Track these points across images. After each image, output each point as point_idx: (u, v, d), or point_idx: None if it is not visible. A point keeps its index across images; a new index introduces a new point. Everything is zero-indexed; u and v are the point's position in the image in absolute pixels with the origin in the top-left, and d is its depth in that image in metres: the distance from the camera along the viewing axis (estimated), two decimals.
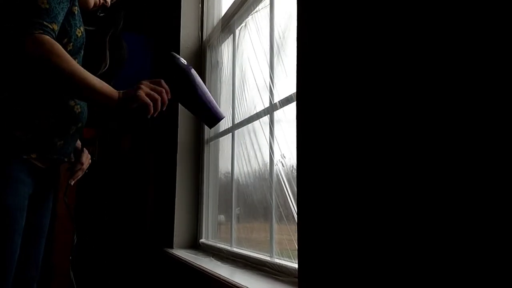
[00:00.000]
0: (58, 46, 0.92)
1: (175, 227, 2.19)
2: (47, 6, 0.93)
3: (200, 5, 2.42)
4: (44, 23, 0.91)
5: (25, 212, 1.00)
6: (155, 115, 1.04)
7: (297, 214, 0.95)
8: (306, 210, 0.90)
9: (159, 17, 2.99)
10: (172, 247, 2.16)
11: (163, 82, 1.07)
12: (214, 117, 1.20)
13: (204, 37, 2.37)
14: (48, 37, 0.91)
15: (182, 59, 1.18)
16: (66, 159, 1.13)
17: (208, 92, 1.21)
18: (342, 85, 0.80)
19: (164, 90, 1.05)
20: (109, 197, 2.93)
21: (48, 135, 1.03)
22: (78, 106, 1.10)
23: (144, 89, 1.02)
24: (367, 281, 0.70)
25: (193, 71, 1.19)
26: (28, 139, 0.99)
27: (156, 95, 1.03)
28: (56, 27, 0.95)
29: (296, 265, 1.12)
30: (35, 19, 0.90)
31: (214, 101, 1.21)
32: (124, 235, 2.89)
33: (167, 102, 1.07)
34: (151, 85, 1.04)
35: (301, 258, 0.91)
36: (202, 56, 2.37)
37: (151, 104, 1.01)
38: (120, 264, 2.81)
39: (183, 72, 1.16)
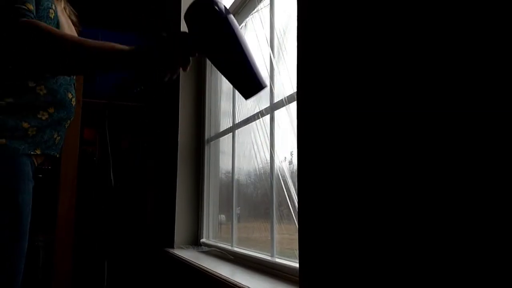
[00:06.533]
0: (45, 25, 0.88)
1: (175, 227, 2.19)
2: None
3: None
4: (22, 7, 0.87)
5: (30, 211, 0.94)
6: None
7: (298, 213, 0.95)
8: (307, 209, 0.90)
9: (158, 18, 2.98)
10: (173, 247, 2.16)
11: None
12: (255, 84, 0.92)
13: None
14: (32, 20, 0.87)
15: (220, 2, 0.93)
16: (58, 155, 1.08)
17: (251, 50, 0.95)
18: (343, 83, 0.80)
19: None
20: (109, 197, 2.93)
21: (49, 129, 1.00)
22: (74, 99, 1.07)
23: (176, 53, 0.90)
24: (368, 280, 0.70)
25: (233, 19, 0.94)
26: (33, 133, 0.95)
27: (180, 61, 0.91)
28: (32, 7, 0.90)
29: (297, 265, 1.12)
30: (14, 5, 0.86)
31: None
32: (125, 235, 2.89)
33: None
34: (180, 48, 0.91)
35: (302, 257, 0.91)
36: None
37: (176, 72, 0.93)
38: (121, 264, 2.81)
39: (223, 22, 0.91)
